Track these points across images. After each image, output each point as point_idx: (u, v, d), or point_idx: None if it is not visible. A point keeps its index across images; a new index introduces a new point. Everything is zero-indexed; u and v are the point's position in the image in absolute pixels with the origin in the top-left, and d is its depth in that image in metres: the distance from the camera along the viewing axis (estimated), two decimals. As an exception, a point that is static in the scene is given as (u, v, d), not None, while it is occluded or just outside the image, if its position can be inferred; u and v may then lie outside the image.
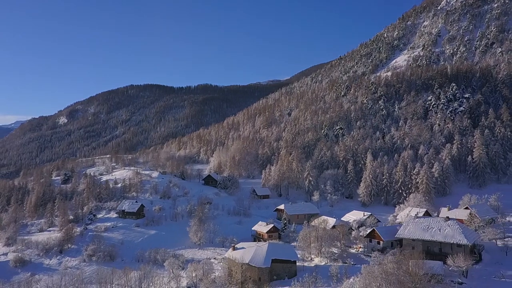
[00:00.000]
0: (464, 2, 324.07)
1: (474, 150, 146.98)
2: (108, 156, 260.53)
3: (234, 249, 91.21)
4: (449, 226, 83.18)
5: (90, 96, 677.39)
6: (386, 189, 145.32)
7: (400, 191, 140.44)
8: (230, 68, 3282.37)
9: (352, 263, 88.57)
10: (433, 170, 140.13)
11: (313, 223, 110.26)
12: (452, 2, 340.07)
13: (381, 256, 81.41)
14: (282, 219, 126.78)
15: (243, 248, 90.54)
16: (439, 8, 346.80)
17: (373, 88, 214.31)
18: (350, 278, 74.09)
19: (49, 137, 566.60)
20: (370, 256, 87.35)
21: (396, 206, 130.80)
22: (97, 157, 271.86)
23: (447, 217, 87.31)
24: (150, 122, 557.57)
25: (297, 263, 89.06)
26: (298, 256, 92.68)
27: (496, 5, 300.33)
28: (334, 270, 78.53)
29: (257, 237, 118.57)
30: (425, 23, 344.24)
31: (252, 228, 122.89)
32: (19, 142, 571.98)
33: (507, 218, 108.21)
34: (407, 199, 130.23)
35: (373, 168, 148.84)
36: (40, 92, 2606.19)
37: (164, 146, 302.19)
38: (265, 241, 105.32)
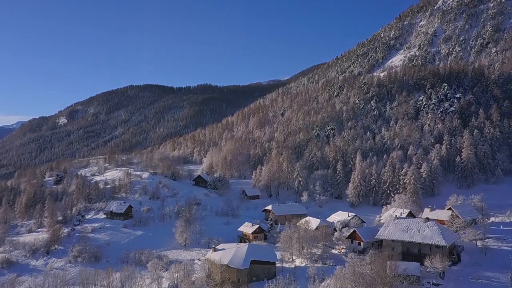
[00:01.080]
0: (460, 1, 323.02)
1: (462, 151, 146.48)
2: (103, 156, 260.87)
3: (215, 250, 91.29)
4: (428, 227, 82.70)
5: (90, 97, 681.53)
6: (374, 189, 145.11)
7: (388, 191, 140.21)
8: (230, 68, 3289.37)
9: (332, 264, 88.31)
10: (421, 170, 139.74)
11: (297, 224, 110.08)
12: (448, 2, 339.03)
13: (357, 257, 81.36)
14: (269, 219, 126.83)
15: (223, 249, 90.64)
16: (435, 7, 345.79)
17: (366, 88, 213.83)
18: (327, 280, 74.07)
19: (49, 137, 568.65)
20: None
21: (383, 207, 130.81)
22: (92, 158, 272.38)
23: (427, 218, 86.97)
24: (149, 123, 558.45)
25: (278, 264, 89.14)
26: (280, 257, 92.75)
27: (492, 4, 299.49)
28: (312, 271, 78.38)
29: (243, 238, 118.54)
30: (422, 22, 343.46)
31: (238, 229, 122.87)
32: (19, 142, 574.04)
33: (491, 219, 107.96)
34: (393, 199, 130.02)
35: (362, 169, 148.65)
36: (40, 92, 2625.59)
37: (160, 147, 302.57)
38: (250, 242, 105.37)
